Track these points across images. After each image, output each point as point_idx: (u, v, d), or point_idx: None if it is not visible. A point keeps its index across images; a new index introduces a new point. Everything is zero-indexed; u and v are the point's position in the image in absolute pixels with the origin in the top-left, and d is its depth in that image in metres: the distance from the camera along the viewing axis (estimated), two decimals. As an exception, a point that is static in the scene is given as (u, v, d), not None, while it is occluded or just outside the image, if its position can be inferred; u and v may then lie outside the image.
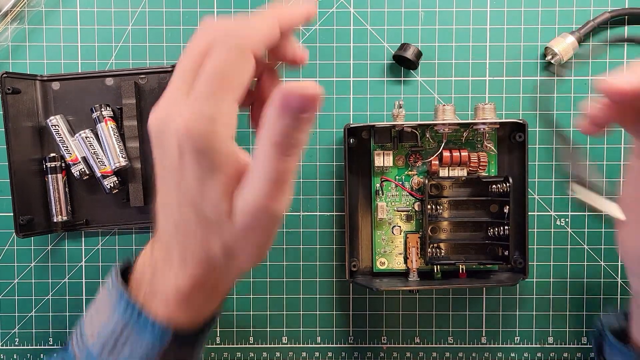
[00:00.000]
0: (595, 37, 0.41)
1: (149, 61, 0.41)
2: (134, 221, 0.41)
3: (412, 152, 0.40)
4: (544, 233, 0.42)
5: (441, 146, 0.39)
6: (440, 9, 0.41)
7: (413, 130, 0.39)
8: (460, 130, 0.40)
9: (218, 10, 0.41)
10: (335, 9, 0.41)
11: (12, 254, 0.42)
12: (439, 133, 0.39)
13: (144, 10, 0.41)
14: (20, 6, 0.41)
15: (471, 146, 0.40)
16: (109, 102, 0.41)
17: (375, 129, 0.39)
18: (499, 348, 0.42)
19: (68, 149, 0.40)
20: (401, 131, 0.39)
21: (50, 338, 0.42)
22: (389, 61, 0.41)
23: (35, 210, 0.40)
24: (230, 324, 0.42)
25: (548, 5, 0.41)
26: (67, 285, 0.42)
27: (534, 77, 0.41)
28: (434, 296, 0.42)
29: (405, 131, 0.39)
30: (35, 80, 0.40)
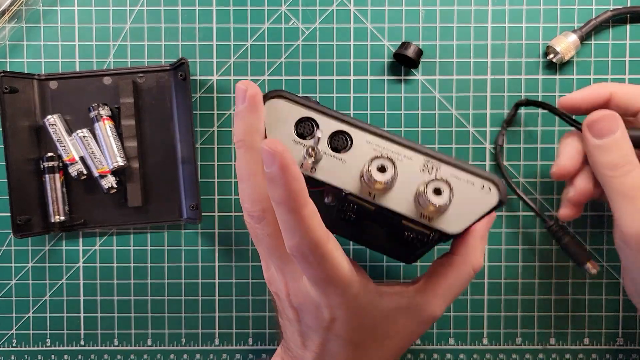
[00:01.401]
0: (597, 35, 0.41)
1: (147, 60, 0.41)
2: (132, 221, 0.41)
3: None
4: (545, 234, 0.41)
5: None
6: (441, 7, 0.41)
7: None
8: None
9: (217, 9, 0.41)
10: (335, 7, 0.41)
11: (9, 254, 0.42)
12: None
13: (142, 8, 0.41)
14: (18, 4, 0.41)
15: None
16: (107, 101, 0.40)
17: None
18: (500, 349, 0.42)
19: (65, 148, 0.40)
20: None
21: (47, 339, 0.42)
22: (389, 60, 0.41)
23: (33, 210, 0.40)
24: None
25: (550, 3, 0.41)
26: (65, 286, 0.42)
27: (535, 75, 0.41)
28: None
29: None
30: (32, 80, 0.40)
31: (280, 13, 0.41)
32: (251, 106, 0.26)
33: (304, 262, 0.25)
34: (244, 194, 0.27)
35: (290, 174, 0.23)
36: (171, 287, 0.42)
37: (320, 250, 0.25)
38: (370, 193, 0.25)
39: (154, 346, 0.42)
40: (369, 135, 0.26)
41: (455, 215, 0.25)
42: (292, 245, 0.25)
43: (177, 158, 0.41)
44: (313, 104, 0.26)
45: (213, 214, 0.42)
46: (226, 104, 0.41)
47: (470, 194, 0.25)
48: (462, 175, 0.25)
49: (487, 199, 0.25)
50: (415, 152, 0.25)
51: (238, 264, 0.42)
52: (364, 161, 0.25)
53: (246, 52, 0.41)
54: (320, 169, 0.25)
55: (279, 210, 0.24)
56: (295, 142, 0.25)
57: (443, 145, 0.41)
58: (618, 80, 0.41)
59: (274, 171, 0.23)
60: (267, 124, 0.25)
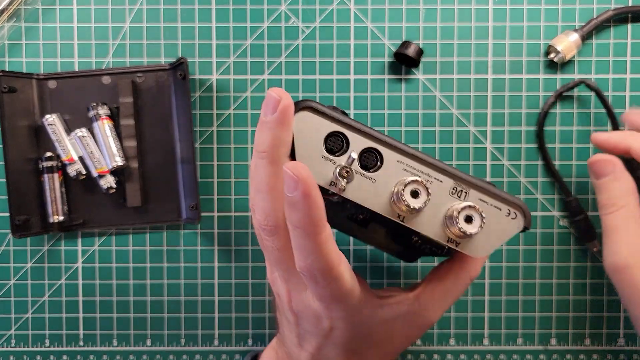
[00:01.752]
0: (598, 34, 0.41)
1: (146, 59, 0.41)
2: (131, 222, 0.41)
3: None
4: (546, 234, 0.41)
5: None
6: (441, 6, 0.41)
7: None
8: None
9: (217, 8, 0.41)
10: (335, 6, 0.41)
11: (8, 254, 0.41)
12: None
13: (142, 7, 0.41)
14: (17, 4, 0.40)
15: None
16: (106, 100, 0.40)
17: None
18: (501, 350, 0.42)
19: (64, 148, 0.40)
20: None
21: (46, 340, 0.42)
22: (389, 59, 0.41)
23: (31, 210, 0.40)
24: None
25: (551, 2, 0.41)
26: (64, 286, 0.42)
27: (536, 75, 0.41)
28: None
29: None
30: (31, 79, 0.40)
31: (280, 12, 0.41)
32: (282, 119, 0.24)
33: (312, 281, 0.26)
34: (258, 206, 0.26)
35: (312, 201, 0.23)
36: (170, 288, 0.42)
37: (331, 273, 0.25)
38: (400, 215, 0.25)
39: (153, 347, 0.42)
40: (400, 155, 0.25)
41: (482, 241, 0.25)
42: (303, 266, 0.25)
43: (176, 158, 0.41)
44: (343, 118, 0.25)
45: (212, 214, 0.41)
46: (225, 103, 0.41)
47: (496, 219, 0.25)
48: (489, 200, 0.25)
49: (512, 225, 0.26)
50: (445, 175, 0.25)
51: (237, 264, 0.42)
52: (394, 182, 0.25)
53: (246, 51, 0.41)
54: (349, 187, 0.25)
55: (295, 233, 0.24)
56: (324, 158, 0.24)
57: (443, 145, 0.41)
58: (619, 80, 0.41)
59: (295, 197, 0.23)
60: (295, 137, 0.24)
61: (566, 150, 0.41)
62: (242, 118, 0.41)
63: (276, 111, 0.24)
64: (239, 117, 0.41)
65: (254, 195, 0.26)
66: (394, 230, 0.30)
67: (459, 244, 0.25)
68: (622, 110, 0.41)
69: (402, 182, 0.24)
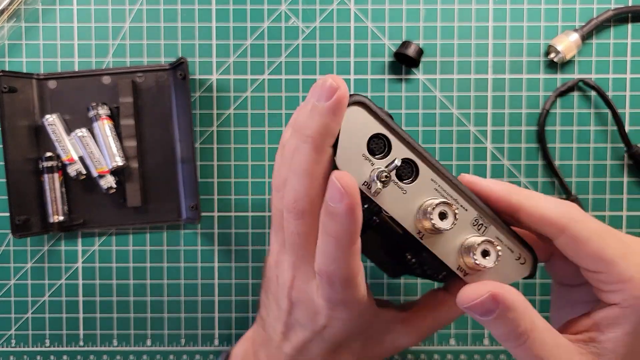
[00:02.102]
0: (598, 34, 0.41)
1: (146, 59, 0.41)
2: (131, 222, 0.41)
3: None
4: (547, 233, 0.41)
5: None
6: (442, 6, 0.41)
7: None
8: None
9: (217, 8, 0.41)
10: (335, 6, 0.41)
11: (8, 254, 0.41)
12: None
13: (142, 7, 0.41)
14: (17, 4, 0.40)
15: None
16: (106, 100, 0.40)
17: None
18: (501, 350, 0.42)
19: (64, 148, 0.40)
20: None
21: (47, 340, 0.42)
22: (390, 59, 0.41)
23: (32, 210, 0.40)
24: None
25: (551, 2, 0.41)
26: (64, 286, 0.42)
27: (536, 75, 0.41)
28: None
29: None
30: (31, 79, 0.40)
31: (280, 12, 0.41)
32: (336, 108, 0.24)
33: (328, 285, 0.26)
34: (291, 187, 0.25)
35: (355, 218, 0.23)
36: (170, 288, 0.42)
37: (350, 282, 0.25)
38: (420, 232, 0.25)
39: (154, 347, 0.42)
40: (435, 175, 0.25)
41: (489, 277, 0.26)
42: (324, 270, 0.25)
43: (176, 158, 0.41)
44: (391, 122, 0.25)
45: (212, 214, 0.41)
46: (226, 103, 0.41)
47: (507, 260, 0.26)
48: (505, 240, 0.26)
49: (519, 270, 0.26)
50: (472, 205, 0.26)
51: (238, 264, 0.42)
52: (423, 198, 0.25)
53: (246, 51, 0.41)
54: (382, 193, 0.24)
55: (327, 240, 0.24)
56: (364, 157, 0.24)
57: (444, 145, 0.41)
58: (619, 80, 0.41)
59: (338, 209, 0.23)
60: (342, 130, 0.24)
61: (566, 150, 0.41)
62: (242, 118, 0.41)
63: (331, 99, 0.23)
64: (239, 117, 0.41)
65: (288, 176, 0.26)
66: (390, 244, 0.30)
67: (466, 275, 0.26)
68: (623, 111, 0.41)
69: (433, 202, 0.24)
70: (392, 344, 0.32)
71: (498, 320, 0.24)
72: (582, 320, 0.27)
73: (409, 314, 0.32)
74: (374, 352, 0.32)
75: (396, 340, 0.31)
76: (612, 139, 0.41)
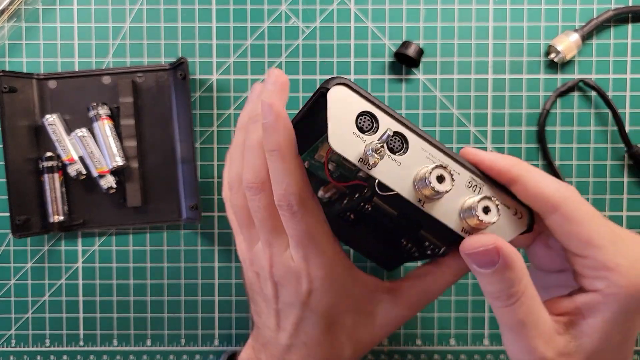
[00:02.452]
0: (598, 35, 0.41)
1: (146, 59, 0.41)
2: (131, 222, 0.41)
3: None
4: (547, 233, 0.41)
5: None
6: (442, 6, 0.41)
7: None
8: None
9: (217, 8, 0.41)
10: (335, 6, 0.41)
11: (8, 254, 0.41)
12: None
13: (142, 7, 0.41)
14: (17, 4, 0.40)
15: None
16: (106, 100, 0.40)
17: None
18: (501, 350, 0.42)
19: (64, 148, 0.40)
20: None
21: (47, 340, 0.42)
22: (390, 59, 0.41)
23: (32, 210, 0.40)
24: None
25: (551, 2, 0.41)
26: (64, 286, 0.42)
27: (537, 75, 0.41)
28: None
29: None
30: (31, 79, 0.40)
31: (281, 12, 0.41)
32: (278, 88, 0.28)
33: (289, 212, 0.27)
34: (249, 165, 0.28)
35: (284, 122, 0.26)
36: (170, 288, 0.42)
37: (304, 200, 0.27)
38: (420, 200, 0.25)
39: (154, 347, 0.42)
40: (425, 143, 0.26)
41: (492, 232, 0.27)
42: (280, 193, 0.27)
43: (176, 158, 0.41)
44: (375, 99, 0.25)
45: (213, 214, 0.41)
46: (226, 103, 0.41)
47: (506, 215, 0.27)
48: (500, 197, 0.27)
49: (518, 224, 0.27)
50: (464, 168, 0.26)
51: (238, 264, 0.42)
52: (417, 167, 0.25)
53: (246, 51, 0.41)
54: (378, 167, 0.25)
55: (272, 159, 0.26)
56: (355, 135, 0.25)
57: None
58: (619, 80, 0.41)
59: (271, 120, 0.26)
60: (330, 109, 0.24)
61: (566, 150, 0.41)
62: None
63: (275, 85, 0.27)
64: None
65: (245, 157, 0.29)
66: (384, 232, 0.30)
67: (471, 234, 0.26)
68: (623, 111, 0.41)
69: (430, 168, 0.25)
70: (384, 318, 0.32)
71: (495, 276, 0.25)
72: (564, 302, 0.27)
73: (395, 284, 0.32)
74: (368, 329, 0.32)
75: (387, 313, 0.32)
76: (612, 139, 0.41)
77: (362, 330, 0.32)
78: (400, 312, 0.32)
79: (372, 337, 0.32)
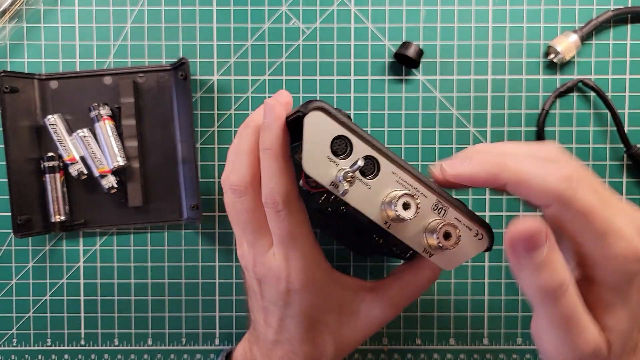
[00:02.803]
0: (597, 35, 0.41)
1: (147, 60, 0.41)
2: (133, 221, 0.41)
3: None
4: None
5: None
6: (441, 6, 0.41)
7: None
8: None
9: (217, 9, 0.41)
10: (335, 6, 0.41)
11: (10, 254, 0.42)
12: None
13: (143, 8, 0.41)
14: (19, 4, 0.41)
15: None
16: (108, 101, 0.40)
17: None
18: (501, 350, 0.42)
19: (66, 148, 0.40)
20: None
21: (48, 339, 0.42)
22: (390, 60, 0.41)
23: (33, 210, 0.40)
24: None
25: (550, 3, 0.41)
26: (65, 285, 0.42)
27: (536, 75, 0.41)
28: (435, 297, 0.42)
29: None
30: (33, 79, 0.40)
31: (281, 13, 0.41)
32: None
33: (274, 210, 0.28)
34: (235, 169, 0.30)
35: (280, 124, 0.27)
36: (171, 287, 0.42)
37: (290, 201, 0.28)
38: (386, 222, 0.27)
39: (155, 346, 0.42)
40: (396, 168, 0.27)
41: (451, 256, 0.28)
42: (267, 191, 0.28)
43: (177, 158, 0.41)
44: (350, 123, 0.26)
45: (213, 214, 0.42)
46: (226, 104, 0.41)
47: (466, 238, 0.28)
48: (463, 220, 0.28)
49: (478, 245, 0.29)
50: (431, 192, 0.28)
51: (238, 264, 0.42)
52: (386, 191, 0.27)
53: (247, 52, 0.41)
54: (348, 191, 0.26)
55: (265, 157, 0.28)
56: (328, 159, 0.26)
57: (443, 145, 0.41)
58: (618, 80, 0.41)
59: (269, 120, 0.27)
60: (305, 134, 0.25)
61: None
62: (243, 118, 0.41)
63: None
64: (240, 117, 0.41)
65: (231, 161, 0.30)
66: (359, 228, 0.32)
67: (432, 255, 0.28)
68: (622, 111, 0.41)
69: (396, 194, 0.26)
70: (367, 316, 0.33)
71: (540, 265, 0.23)
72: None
73: (377, 283, 0.33)
74: (351, 327, 0.33)
75: (370, 311, 0.33)
76: (612, 139, 0.41)
77: (346, 329, 0.32)
78: (383, 310, 0.33)
79: (355, 335, 0.33)
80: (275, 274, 0.30)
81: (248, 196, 0.29)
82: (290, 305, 0.30)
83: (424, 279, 0.33)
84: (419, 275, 0.33)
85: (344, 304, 0.32)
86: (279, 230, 0.29)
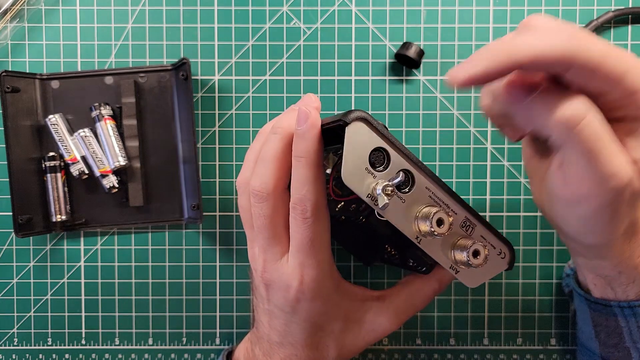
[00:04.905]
0: (598, 36, 0.41)
1: (148, 60, 0.41)
2: (133, 221, 0.41)
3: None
4: (547, 234, 0.41)
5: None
6: (442, 7, 0.41)
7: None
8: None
9: (218, 9, 0.41)
10: (336, 7, 0.41)
11: (11, 253, 0.42)
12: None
13: (144, 8, 0.41)
14: (20, 4, 0.41)
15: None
16: (109, 101, 0.40)
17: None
18: (501, 350, 0.42)
19: (67, 148, 0.40)
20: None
21: (49, 338, 0.42)
22: (390, 60, 0.41)
23: (34, 209, 0.40)
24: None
25: (551, 4, 0.41)
26: (66, 285, 0.42)
27: (537, 76, 0.41)
28: (435, 297, 0.42)
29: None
30: (34, 79, 0.40)
31: (282, 13, 0.41)
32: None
33: (301, 216, 0.28)
34: (257, 173, 0.29)
35: (316, 132, 0.27)
36: (172, 287, 0.42)
37: (319, 209, 0.28)
38: (417, 237, 0.27)
39: (155, 345, 0.42)
40: (429, 183, 0.27)
41: (477, 273, 0.28)
42: (298, 197, 0.27)
43: (178, 158, 0.41)
44: (390, 136, 0.26)
45: (214, 213, 0.42)
46: (227, 104, 0.41)
47: (492, 256, 0.29)
48: (488, 237, 0.29)
49: (500, 263, 0.29)
50: (461, 209, 0.28)
51: (239, 263, 0.42)
52: (419, 206, 0.27)
53: (248, 52, 0.41)
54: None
55: (298, 164, 0.27)
56: (367, 170, 0.26)
57: (444, 145, 0.41)
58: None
59: (304, 128, 0.26)
60: (346, 144, 0.25)
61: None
62: (244, 118, 0.41)
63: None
64: (241, 117, 0.41)
65: (255, 166, 0.30)
66: (369, 235, 0.32)
67: (458, 272, 0.28)
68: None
69: (431, 210, 0.26)
70: (371, 324, 0.33)
71: (557, 93, 0.22)
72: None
73: (382, 292, 0.34)
74: (355, 334, 0.33)
75: (375, 320, 0.33)
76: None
77: (350, 336, 0.33)
78: (387, 319, 0.33)
79: (358, 343, 0.33)
80: (285, 281, 0.30)
81: (269, 202, 0.29)
82: (297, 312, 0.31)
83: (430, 290, 0.33)
84: (425, 286, 0.33)
85: (350, 313, 0.33)
86: (300, 235, 0.29)
